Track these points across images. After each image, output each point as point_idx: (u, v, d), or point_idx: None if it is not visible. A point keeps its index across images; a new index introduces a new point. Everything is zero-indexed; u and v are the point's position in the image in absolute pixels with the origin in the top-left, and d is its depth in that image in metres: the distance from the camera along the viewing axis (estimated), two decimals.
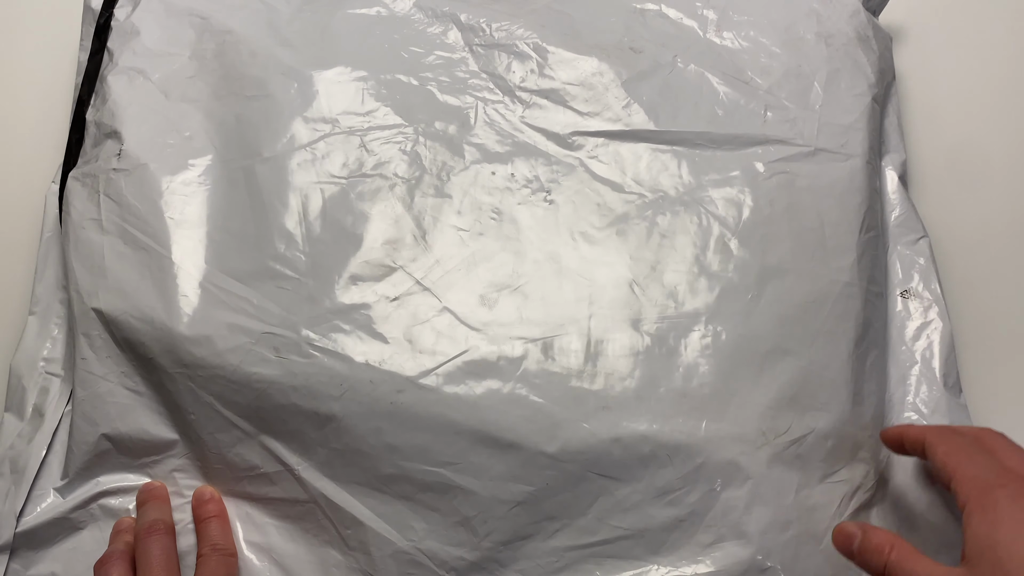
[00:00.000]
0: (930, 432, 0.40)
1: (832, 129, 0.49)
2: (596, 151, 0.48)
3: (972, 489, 0.36)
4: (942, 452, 0.38)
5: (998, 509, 0.35)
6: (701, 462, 0.41)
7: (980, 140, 0.57)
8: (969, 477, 0.36)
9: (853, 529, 0.38)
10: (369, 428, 0.41)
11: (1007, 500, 0.35)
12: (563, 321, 0.44)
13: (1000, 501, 0.35)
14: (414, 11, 0.52)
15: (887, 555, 0.36)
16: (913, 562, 0.36)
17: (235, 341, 0.42)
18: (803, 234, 0.46)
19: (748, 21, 0.52)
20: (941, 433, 0.39)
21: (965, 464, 0.37)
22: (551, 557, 0.41)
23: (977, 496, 0.36)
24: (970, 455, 0.37)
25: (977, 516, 0.35)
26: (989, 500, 0.35)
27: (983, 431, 0.40)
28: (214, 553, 0.41)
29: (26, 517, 0.43)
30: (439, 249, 0.45)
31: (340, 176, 0.47)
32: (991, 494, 0.35)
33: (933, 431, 0.40)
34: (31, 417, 0.45)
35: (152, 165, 0.47)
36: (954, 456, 0.38)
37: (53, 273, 0.49)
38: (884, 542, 0.37)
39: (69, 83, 0.55)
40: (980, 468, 0.37)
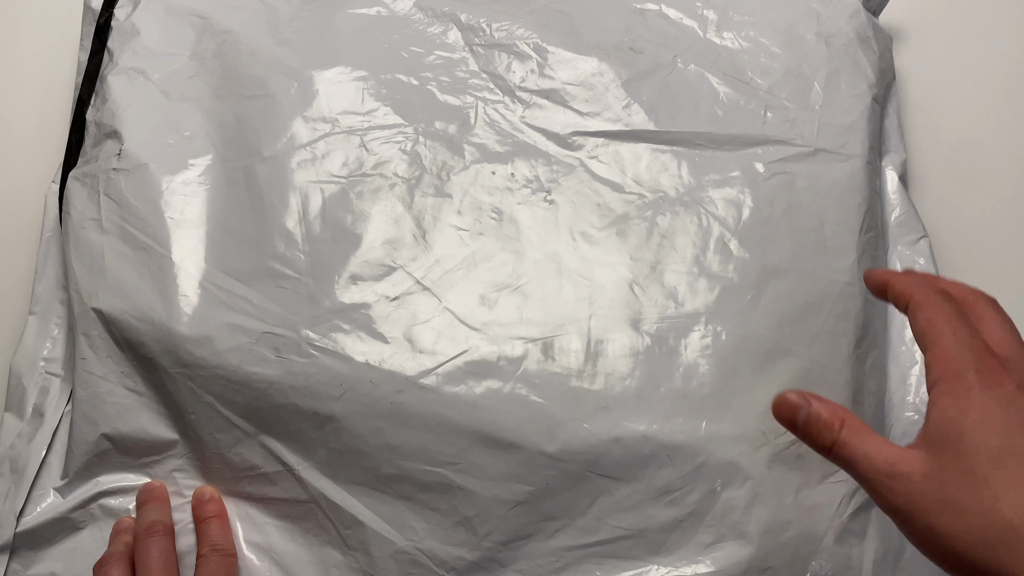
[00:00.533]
0: (916, 291, 0.36)
1: (832, 129, 0.49)
2: (596, 151, 0.48)
3: (946, 369, 0.33)
4: (923, 319, 0.35)
5: (970, 395, 0.32)
6: (701, 462, 0.41)
7: (980, 140, 0.57)
8: (946, 354, 0.33)
9: (797, 400, 0.35)
10: (369, 428, 0.41)
11: (981, 387, 0.32)
12: (563, 321, 0.44)
13: (974, 387, 0.32)
14: (414, 11, 0.52)
15: (837, 430, 0.33)
16: (865, 440, 0.33)
17: (235, 341, 0.42)
18: (803, 234, 0.46)
19: (748, 21, 0.52)
20: (927, 296, 0.35)
21: (945, 337, 0.33)
22: (551, 557, 0.41)
23: (950, 377, 0.33)
24: (953, 328, 0.34)
25: (947, 398, 0.32)
26: (962, 383, 0.32)
27: (975, 296, 0.37)
28: (214, 553, 0.41)
29: (26, 517, 0.43)
30: (439, 249, 0.45)
31: (340, 176, 0.47)
32: (965, 377, 0.32)
33: (920, 291, 0.36)
34: (31, 417, 0.45)
35: (152, 165, 0.47)
36: (935, 326, 0.34)
37: (53, 273, 0.49)
38: (834, 416, 0.34)
39: (69, 83, 0.55)
40: (960, 345, 0.33)
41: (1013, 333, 0.35)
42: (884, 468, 0.32)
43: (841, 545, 0.42)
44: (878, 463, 0.32)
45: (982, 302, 0.36)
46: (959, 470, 0.31)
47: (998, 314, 0.36)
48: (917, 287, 0.36)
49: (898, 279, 0.37)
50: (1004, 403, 0.32)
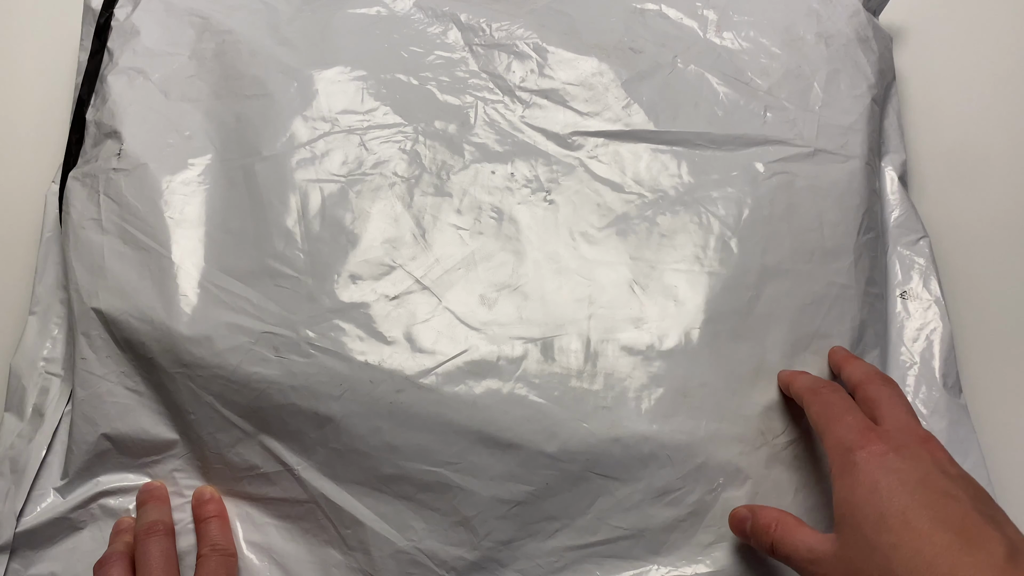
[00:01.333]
0: (806, 391, 0.40)
1: (832, 130, 0.49)
2: (596, 151, 0.48)
3: (836, 453, 0.36)
4: (814, 412, 0.39)
5: (855, 472, 0.35)
6: (701, 462, 0.41)
7: (980, 140, 0.57)
8: (834, 440, 0.37)
9: (744, 512, 0.39)
10: (369, 428, 0.41)
11: (864, 461, 0.35)
12: (563, 321, 0.44)
13: (858, 463, 0.35)
14: (414, 11, 0.52)
15: (772, 532, 0.37)
16: (794, 535, 0.36)
17: (235, 341, 0.42)
18: (802, 235, 0.46)
19: (748, 21, 0.52)
20: (816, 392, 0.40)
21: (832, 425, 0.37)
22: (551, 557, 0.41)
23: (840, 459, 0.36)
24: (838, 415, 0.38)
25: (839, 480, 0.36)
26: (848, 463, 0.35)
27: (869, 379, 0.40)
28: (214, 553, 0.41)
29: (26, 517, 0.43)
30: (439, 248, 0.45)
31: (339, 175, 0.47)
32: (851, 456, 0.35)
33: (808, 390, 0.40)
34: (31, 417, 0.45)
35: (152, 165, 0.47)
36: (823, 417, 0.38)
37: (53, 273, 0.49)
38: (770, 520, 0.38)
39: (69, 83, 0.56)
40: (845, 429, 0.37)
41: (901, 406, 0.38)
42: (806, 555, 0.36)
43: None
44: (802, 552, 0.36)
45: (875, 383, 0.40)
46: (856, 543, 0.34)
47: (889, 392, 0.39)
48: (808, 385, 0.40)
49: (796, 379, 0.42)
50: (884, 471, 0.35)
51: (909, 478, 0.34)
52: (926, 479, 0.34)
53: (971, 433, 0.46)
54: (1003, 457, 0.48)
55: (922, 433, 0.37)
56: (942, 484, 0.34)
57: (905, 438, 0.36)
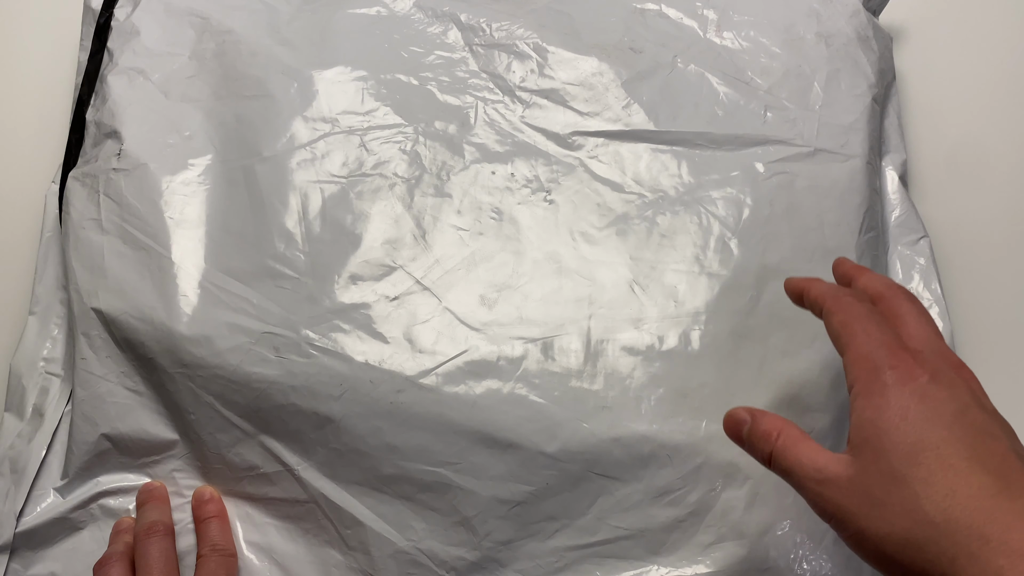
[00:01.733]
0: (828, 298, 0.36)
1: (832, 130, 0.49)
2: (596, 151, 0.48)
3: (861, 369, 0.33)
4: (837, 322, 0.35)
5: (885, 393, 0.32)
6: (701, 462, 0.41)
7: (980, 140, 0.57)
8: (860, 355, 0.33)
9: (743, 415, 0.36)
10: (369, 428, 0.41)
11: (895, 384, 0.32)
12: (563, 321, 0.44)
13: (888, 385, 0.32)
14: (414, 11, 0.52)
15: (774, 441, 0.34)
16: (799, 448, 0.33)
17: (235, 341, 0.42)
18: (803, 235, 0.46)
19: (748, 21, 0.52)
20: (838, 299, 0.36)
21: (859, 338, 0.34)
22: (551, 557, 0.41)
23: (866, 377, 0.33)
24: (865, 328, 0.34)
25: (863, 399, 0.32)
26: (877, 383, 0.32)
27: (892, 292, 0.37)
28: (214, 554, 0.41)
29: (26, 517, 0.43)
30: (439, 248, 0.45)
31: (340, 175, 0.47)
32: (880, 376, 0.32)
33: (831, 296, 0.36)
34: (31, 417, 0.45)
35: (152, 165, 0.47)
36: (848, 328, 0.34)
37: (53, 273, 0.49)
38: (772, 428, 0.34)
39: (69, 83, 0.55)
40: (873, 344, 0.33)
41: (929, 326, 0.35)
42: (814, 475, 0.32)
43: (841, 545, 0.41)
44: (809, 470, 0.32)
45: (899, 298, 0.36)
46: (880, 471, 0.31)
47: (914, 308, 0.36)
48: (829, 291, 0.36)
49: (813, 285, 0.38)
50: (918, 398, 0.31)
51: (946, 409, 0.31)
52: (964, 412, 0.31)
53: None
54: None
55: (955, 360, 0.34)
56: (980, 419, 0.31)
57: (940, 363, 0.33)
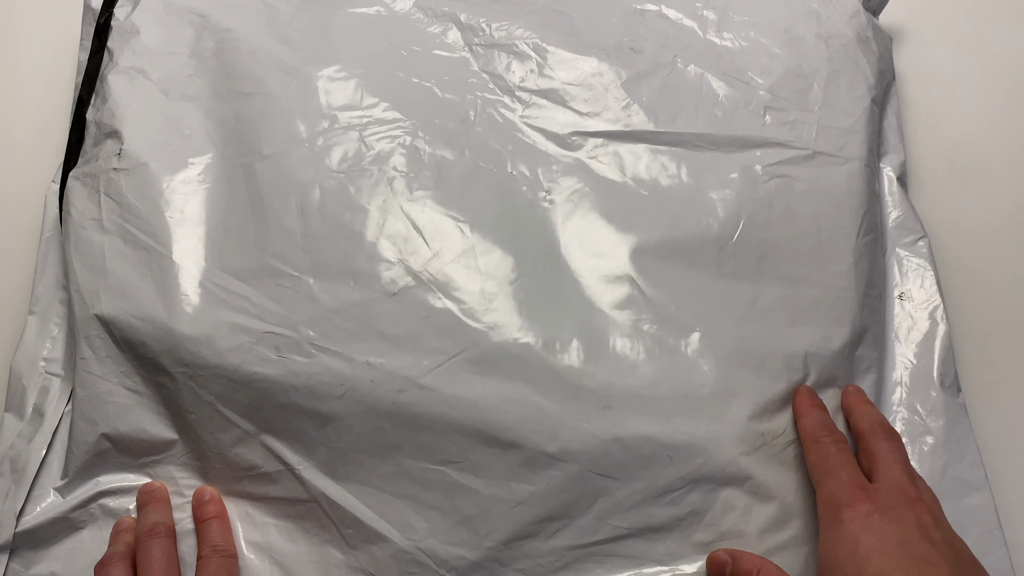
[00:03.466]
0: (808, 438, 0.41)
1: (831, 132, 0.49)
2: (595, 151, 0.48)
3: (825, 507, 0.38)
4: (811, 462, 0.40)
5: (840, 528, 0.36)
6: (701, 462, 0.41)
7: (980, 140, 0.57)
8: (826, 494, 0.38)
9: (723, 556, 0.40)
10: (370, 427, 0.42)
11: (850, 520, 0.36)
12: (563, 321, 0.44)
13: (844, 521, 0.36)
14: (414, 11, 0.52)
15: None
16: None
17: (236, 340, 0.42)
18: (801, 238, 0.46)
19: (748, 22, 0.52)
20: (816, 441, 0.40)
21: (826, 478, 0.38)
22: (552, 556, 0.41)
23: (828, 514, 0.37)
24: (834, 469, 0.38)
25: (824, 534, 0.37)
26: (835, 519, 0.37)
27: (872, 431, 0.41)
28: (214, 554, 0.41)
29: (26, 517, 0.43)
30: (438, 242, 0.45)
31: (339, 170, 0.47)
32: (838, 513, 0.37)
33: (810, 437, 0.41)
34: (31, 417, 0.45)
35: (152, 164, 0.47)
36: (819, 468, 0.39)
37: (53, 273, 0.49)
38: (751, 567, 0.38)
39: (69, 83, 0.55)
40: (837, 484, 0.38)
41: (897, 464, 0.39)
42: None
43: None
44: None
45: (876, 437, 0.40)
46: None
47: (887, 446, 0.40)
48: (811, 431, 0.41)
49: (804, 415, 0.42)
50: (867, 531, 0.35)
51: (890, 540, 0.35)
52: (907, 543, 0.35)
53: (969, 432, 0.46)
54: (1001, 457, 0.48)
55: (912, 494, 0.37)
56: (922, 549, 0.35)
57: (894, 499, 0.37)
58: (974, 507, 0.44)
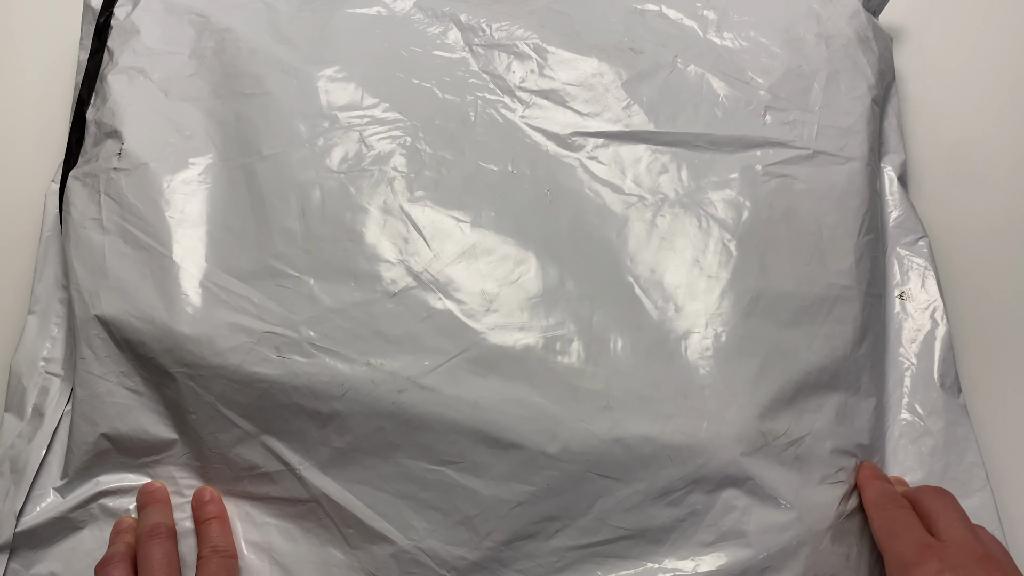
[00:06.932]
0: (872, 505, 0.41)
1: (831, 132, 0.49)
2: (596, 152, 0.48)
3: (894, 567, 0.38)
4: (876, 527, 0.41)
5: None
6: (702, 463, 0.41)
7: (980, 140, 0.57)
8: (894, 555, 0.39)
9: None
10: (371, 427, 0.42)
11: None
12: (564, 321, 0.44)
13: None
14: (414, 11, 0.52)
15: None
16: None
17: (236, 340, 0.42)
18: (802, 237, 0.46)
19: (748, 21, 0.52)
20: (882, 508, 0.41)
21: (893, 541, 0.39)
22: (552, 557, 0.41)
23: (896, 572, 0.38)
24: (899, 531, 0.39)
25: None
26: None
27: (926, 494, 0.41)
28: (214, 555, 0.41)
29: (26, 517, 0.43)
30: (438, 243, 0.45)
31: (339, 171, 0.47)
32: (908, 572, 0.37)
33: (875, 504, 0.41)
34: (31, 417, 0.45)
35: (152, 164, 0.47)
36: (885, 532, 0.40)
37: (53, 273, 0.49)
38: None
39: (69, 83, 0.55)
40: (904, 545, 0.38)
41: (958, 521, 0.39)
42: None
43: (840, 545, 0.42)
44: None
45: (931, 498, 0.41)
46: None
47: (945, 505, 0.40)
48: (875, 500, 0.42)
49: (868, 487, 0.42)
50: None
51: None
52: None
53: (969, 433, 0.46)
54: (1002, 457, 0.48)
55: (979, 551, 0.37)
56: None
57: (962, 557, 0.37)
58: (975, 508, 0.44)
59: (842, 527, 0.42)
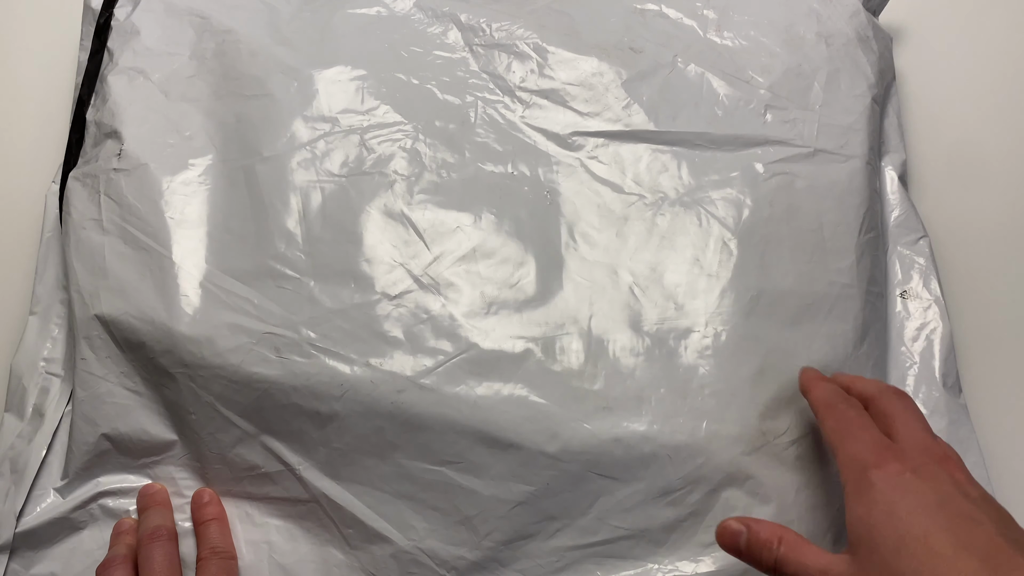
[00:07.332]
0: (821, 405, 0.39)
1: (832, 130, 0.49)
2: (596, 151, 0.48)
3: (850, 470, 0.35)
4: (828, 427, 0.38)
5: (872, 491, 0.34)
6: (702, 462, 0.41)
7: (980, 140, 0.57)
8: (848, 456, 0.36)
9: (737, 526, 0.36)
10: (370, 427, 0.42)
11: (881, 481, 0.34)
12: (563, 321, 0.44)
13: (875, 483, 0.34)
14: (414, 11, 0.52)
15: (776, 549, 0.35)
16: (802, 553, 0.35)
17: (236, 341, 0.42)
18: (802, 235, 0.46)
19: (748, 21, 0.52)
20: (831, 407, 0.38)
21: (847, 442, 0.36)
22: (552, 557, 0.41)
23: (854, 477, 0.35)
24: (854, 431, 0.36)
25: (853, 499, 0.34)
26: (864, 481, 0.34)
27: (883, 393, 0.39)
28: (214, 556, 0.41)
29: (26, 517, 0.43)
30: (438, 246, 0.45)
31: (340, 174, 0.47)
32: (866, 475, 0.34)
33: (824, 404, 0.39)
34: (31, 417, 0.45)
35: (152, 165, 0.47)
36: (838, 432, 0.37)
37: (53, 273, 0.49)
38: (771, 536, 0.35)
39: (69, 83, 0.55)
40: (860, 445, 0.36)
41: (916, 423, 0.37)
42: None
43: (841, 545, 0.42)
44: (813, 572, 0.34)
45: (887, 397, 0.39)
46: (874, 565, 0.32)
47: (902, 406, 0.38)
48: (823, 399, 0.39)
49: (813, 388, 0.40)
50: (902, 492, 0.33)
51: (928, 500, 0.33)
52: (946, 501, 0.33)
53: (971, 433, 0.46)
54: (1003, 457, 0.48)
55: (940, 452, 0.36)
56: (964, 507, 0.33)
57: (923, 457, 0.35)
58: None
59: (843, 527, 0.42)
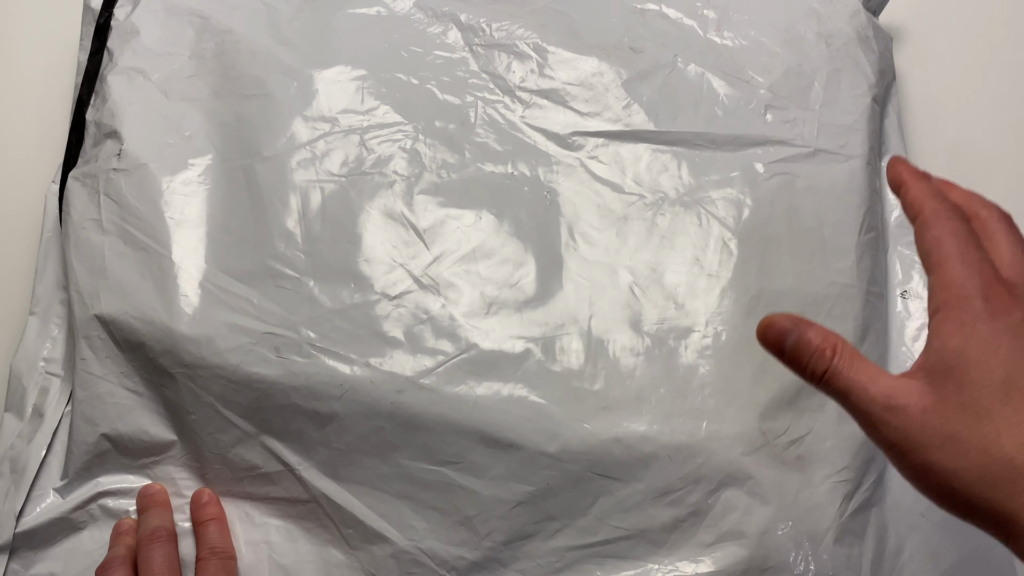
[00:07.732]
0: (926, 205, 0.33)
1: (832, 130, 0.49)
2: (596, 151, 0.48)
3: (951, 294, 0.30)
4: (930, 237, 0.32)
5: (976, 324, 0.29)
6: (702, 462, 0.41)
7: (980, 140, 0.57)
8: (952, 279, 0.31)
9: (786, 323, 0.32)
10: (370, 428, 0.42)
11: (987, 317, 0.30)
12: (563, 321, 0.44)
13: (980, 316, 0.30)
14: (414, 11, 0.52)
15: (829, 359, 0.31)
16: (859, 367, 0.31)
17: (236, 341, 0.42)
18: (803, 235, 0.46)
19: (748, 21, 0.52)
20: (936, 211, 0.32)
21: (952, 260, 0.31)
22: (552, 557, 0.41)
23: (956, 304, 0.30)
24: (961, 249, 0.31)
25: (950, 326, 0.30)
26: (968, 312, 0.30)
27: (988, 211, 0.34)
28: (213, 556, 0.41)
29: (26, 517, 0.43)
30: (438, 246, 0.45)
31: (340, 174, 0.47)
32: (971, 305, 0.30)
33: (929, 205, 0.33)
34: (31, 417, 0.45)
35: (152, 165, 0.47)
36: (942, 246, 0.31)
37: (53, 273, 0.49)
38: (825, 343, 0.31)
39: (69, 83, 0.55)
40: (967, 269, 0.30)
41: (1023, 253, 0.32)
42: (880, 400, 0.30)
43: (841, 545, 0.42)
44: (874, 394, 0.30)
45: (995, 218, 0.33)
46: (961, 403, 0.29)
47: (1010, 233, 0.33)
48: (928, 200, 0.33)
49: (913, 184, 0.34)
50: (1011, 334, 0.29)
51: None
52: None
53: None
54: None
55: None
56: None
57: None
58: None
59: (843, 527, 0.42)
